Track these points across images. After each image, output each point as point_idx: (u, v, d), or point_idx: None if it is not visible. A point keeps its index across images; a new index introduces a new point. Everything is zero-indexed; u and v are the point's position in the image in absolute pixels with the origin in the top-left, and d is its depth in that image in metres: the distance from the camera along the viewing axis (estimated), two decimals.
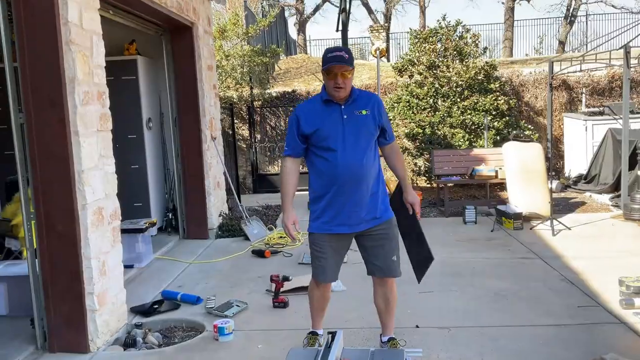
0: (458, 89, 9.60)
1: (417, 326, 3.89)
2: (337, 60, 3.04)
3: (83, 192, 3.58)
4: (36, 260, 3.61)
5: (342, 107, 3.15)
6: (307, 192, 3.39)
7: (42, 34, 3.44)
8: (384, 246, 3.25)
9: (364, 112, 3.15)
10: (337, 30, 7.54)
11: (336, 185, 3.14)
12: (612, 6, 24.27)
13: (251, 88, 11.09)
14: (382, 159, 3.34)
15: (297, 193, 3.40)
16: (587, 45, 20.96)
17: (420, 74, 9.88)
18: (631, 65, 7.50)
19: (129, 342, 3.83)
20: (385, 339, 3.47)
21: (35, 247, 3.61)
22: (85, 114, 3.66)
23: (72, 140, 3.55)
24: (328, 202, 3.20)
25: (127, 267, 5.17)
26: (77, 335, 3.67)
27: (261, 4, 16.12)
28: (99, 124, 3.83)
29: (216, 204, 7.00)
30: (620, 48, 7.66)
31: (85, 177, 3.60)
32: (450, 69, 9.73)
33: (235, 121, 10.75)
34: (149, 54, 6.78)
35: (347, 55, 3.06)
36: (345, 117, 3.13)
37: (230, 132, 9.96)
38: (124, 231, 5.14)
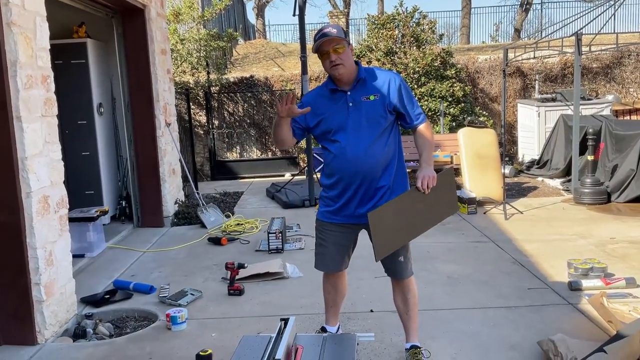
0: (415, 75, 9.68)
1: (371, 310, 3.91)
2: (323, 36, 2.81)
3: (27, 179, 3.45)
4: None
5: (348, 93, 2.91)
6: (268, 179, 3.31)
7: None
8: None
9: (371, 97, 2.88)
10: (294, 15, 7.49)
11: (341, 178, 2.95)
12: None
13: (208, 73, 10.92)
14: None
15: (256, 180, 3.29)
16: (541, 32, 21.38)
17: (378, 60, 9.91)
18: (582, 53, 7.67)
19: (78, 333, 3.74)
20: (407, 345, 3.16)
21: None
22: (29, 98, 3.52)
23: (15, 125, 3.41)
24: (336, 192, 3.00)
25: (78, 256, 5.05)
26: (23, 328, 3.55)
27: None
28: (43, 109, 3.69)
29: (171, 192, 6.89)
30: (571, 35, 7.82)
31: (29, 164, 3.47)
32: (408, 56, 9.79)
33: (192, 107, 10.59)
34: (99, 37, 6.57)
35: (334, 30, 2.81)
36: (350, 104, 2.90)
37: (187, 118, 9.80)
38: (73, 220, 5.04)
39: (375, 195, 2.96)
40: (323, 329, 3.39)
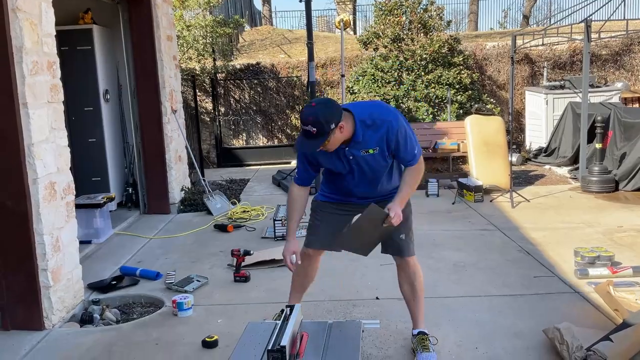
0: (422, 62, 9.60)
1: (377, 298, 3.91)
2: (303, 145, 2.73)
3: (33, 166, 3.46)
4: None
5: (346, 149, 2.83)
6: (274, 166, 3.28)
7: None
8: None
9: (370, 151, 2.81)
10: (301, 1, 7.43)
11: (345, 198, 3.08)
12: None
13: (214, 60, 10.88)
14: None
15: (262, 167, 3.27)
16: (550, 19, 21.18)
17: (385, 47, 9.84)
18: (591, 39, 7.58)
19: (85, 319, 3.77)
20: (415, 332, 3.16)
21: None
22: (35, 84, 3.51)
23: (21, 112, 3.41)
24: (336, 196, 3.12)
25: (85, 242, 5.07)
26: (31, 313, 3.58)
27: None
28: (49, 95, 3.68)
29: (178, 178, 6.90)
30: (581, 22, 7.74)
31: (35, 150, 3.47)
32: (415, 42, 9.72)
33: (198, 94, 10.57)
34: (105, 23, 6.55)
35: (314, 130, 2.62)
36: (350, 157, 2.85)
37: (193, 105, 9.79)
38: (80, 206, 5.05)
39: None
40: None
